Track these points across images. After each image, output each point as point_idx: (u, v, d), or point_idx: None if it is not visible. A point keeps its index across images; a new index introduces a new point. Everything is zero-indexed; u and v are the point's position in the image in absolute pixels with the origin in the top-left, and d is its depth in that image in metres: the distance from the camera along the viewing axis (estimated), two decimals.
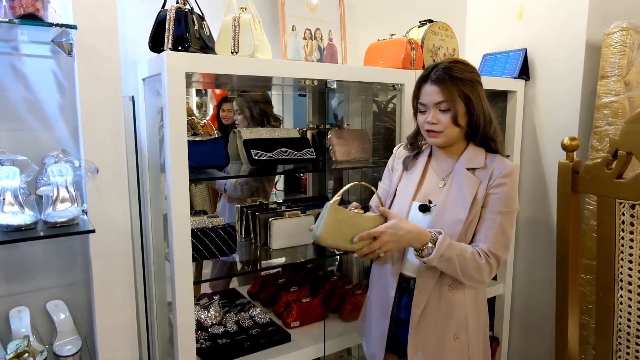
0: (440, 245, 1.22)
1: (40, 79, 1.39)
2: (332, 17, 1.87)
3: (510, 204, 1.29)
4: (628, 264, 1.41)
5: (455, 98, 1.25)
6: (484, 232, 1.29)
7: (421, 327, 1.33)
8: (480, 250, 1.27)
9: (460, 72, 1.27)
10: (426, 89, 1.30)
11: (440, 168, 1.38)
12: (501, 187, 1.28)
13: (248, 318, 1.78)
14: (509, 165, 1.31)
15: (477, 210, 1.30)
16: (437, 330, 1.33)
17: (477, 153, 1.34)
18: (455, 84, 1.25)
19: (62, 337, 1.41)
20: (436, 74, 1.27)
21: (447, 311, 1.33)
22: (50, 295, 1.47)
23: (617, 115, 1.78)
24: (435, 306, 1.33)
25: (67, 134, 1.43)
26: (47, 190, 1.21)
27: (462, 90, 1.25)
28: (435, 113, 1.28)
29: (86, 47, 1.25)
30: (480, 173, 1.31)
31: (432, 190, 1.37)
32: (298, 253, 1.82)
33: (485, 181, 1.30)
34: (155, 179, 1.56)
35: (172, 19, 1.33)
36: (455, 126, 1.28)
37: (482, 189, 1.30)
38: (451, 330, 1.33)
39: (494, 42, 2.26)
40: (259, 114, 1.95)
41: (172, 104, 1.26)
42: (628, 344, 1.45)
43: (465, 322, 1.34)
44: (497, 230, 1.28)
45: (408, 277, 1.37)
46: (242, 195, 1.98)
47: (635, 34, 1.79)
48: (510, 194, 1.29)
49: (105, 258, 1.34)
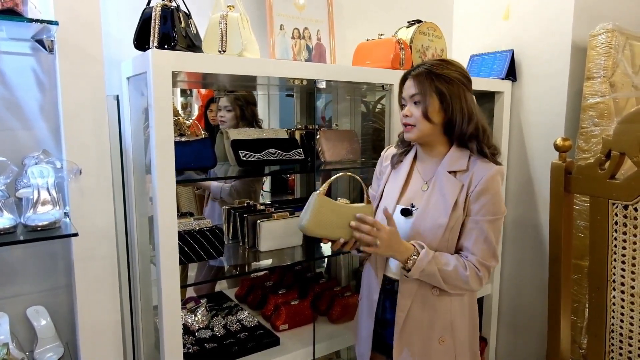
0: (420, 262, 1.22)
1: (19, 77, 1.34)
2: (321, 16, 1.85)
3: (496, 210, 1.26)
4: (621, 264, 1.42)
5: (427, 91, 1.26)
6: (471, 243, 1.27)
7: (406, 330, 1.33)
8: (469, 262, 1.26)
9: (441, 69, 1.27)
10: (406, 84, 1.33)
11: (424, 170, 1.37)
12: (484, 195, 1.26)
13: (236, 322, 1.75)
14: (490, 169, 1.27)
15: (459, 215, 1.27)
16: (421, 333, 1.33)
17: (459, 155, 1.31)
18: (430, 79, 1.26)
19: (43, 344, 1.36)
20: (416, 70, 1.30)
21: (431, 315, 1.32)
22: (31, 301, 1.42)
23: (603, 116, 1.80)
24: (420, 310, 1.32)
25: (48, 134, 1.39)
26: (27, 193, 1.17)
27: (436, 86, 1.25)
28: (411, 106, 1.30)
29: (68, 44, 1.21)
30: (462, 176, 1.29)
31: (416, 193, 1.36)
32: (286, 255, 1.80)
33: (466, 184, 1.28)
34: (141, 180, 1.53)
35: (158, 17, 1.30)
36: (426, 120, 1.27)
37: (463, 193, 1.28)
38: (436, 334, 1.32)
39: (481, 43, 2.27)
40: (250, 114, 1.92)
41: (158, 103, 1.23)
42: (621, 345, 1.46)
43: (450, 325, 1.33)
44: (484, 241, 1.26)
45: (392, 279, 1.37)
46: (233, 199, 1.95)
47: (620, 36, 1.81)
48: (494, 200, 1.26)
49: (89, 262, 1.30)
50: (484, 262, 1.26)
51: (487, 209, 1.26)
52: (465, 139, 1.30)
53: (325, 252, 1.97)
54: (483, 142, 1.31)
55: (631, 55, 1.87)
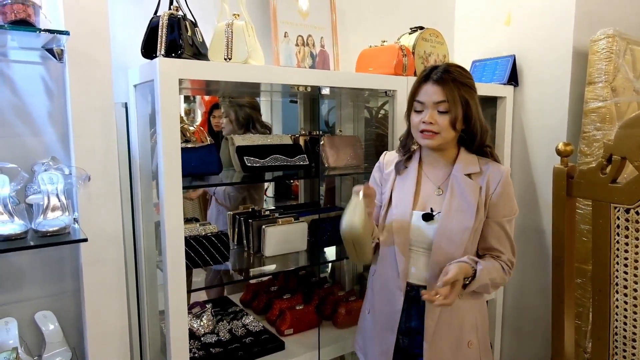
0: (479, 277, 1.25)
1: (28, 84, 1.36)
2: (324, 23, 1.88)
3: (514, 209, 1.34)
4: (623, 267, 1.43)
5: (457, 100, 1.25)
6: (500, 243, 1.33)
7: (436, 338, 1.32)
8: (502, 262, 1.32)
9: (460, 77, 1.27)
10: (427, 88, 1.28)
11: (434, 175, 1.37)
12: (504, 197, 1.31)
13: (241, 326, 1.76)
14: (504, 170, 1.33)
15: (481, 217, 1.31)
16: (451, 339, 1.33)
17: (470, 159, 1.34)
18: (457, 87, 1.25)
19: (51, 348, 1.37)
20: (437, 75, 1.27)
21: (460, 319, 1.33)
22: (39, 306, 1.44)
23: (604, 120, 1.82)
24: (449, 315, 1.32)
25: (57, 140, 1.41)
26: (37, 199, 1.18)
27: (462, 95, 1.25)
28: (434, 113, 1.27)
29: (77, 53, 1.24)
30: (477, 178, 1.32)
31: (430, 197, 1.35)
32: (291, 260, 1.81)
33: (484, 186, 1.31)
34: (147, 186, 1.54)
35: (165, 25, 1.32)
36: (452, 129, 1.27)
37: (482, 195, 1.31)
38: (465, 338, 1.33)
39: (482, 49, 2.29)
40: (244, 119, 1.93)
41: (165, 110, 1.25)
42: (624, 347, 1.46)
43: (475, 327, 1.35)
44: (509, 239, 1.34)
45: (416, 285, 1.34)
46: (230, 204, 1.96)
47: (621, 41, 1.82)
48: (512, 201, 1.34)
49: (97, 267, 1.32)
50: (511, 259, 1.34)
51: (508, 209, 1.32)
52: (482, 146, 1.34)
53: (329, 257, 1.98)
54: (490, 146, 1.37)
55: (632, 60, 1.88)
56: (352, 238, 1.23)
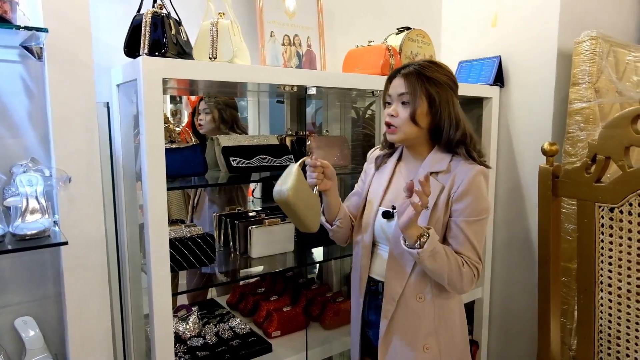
0: (433, 237, 1.17)
1: (6, 84, 1.32)
2: (311, 23, 1.86)
3: (480, 210, 1.24)
4: (608, 266, 1.44)
5: (418, 93, 1.23)
6: (460, 244, 1.24)
7: (389, 337, 1.32)
8: (468, 261, 1.24)
9: (431, 72, 1.25)
10: (394, 82, 1.29)
11: (407, 172, 1.36)
12: (467, 196, 1.23)
13: (228, 329, 1.74)
14: (472, 170, 1.25)
15: (439, 216, 1.26)
16: (405, 341, 1.31)
17: (441, 157, 1.30)
18: (421, 81, 1.23)
19: (32, 355, 1.33)
20: (407, 69, 1.27)
21: (415, 322, 1.30)
22: (19, 312, 1.40)
23: (588, 121, 1.84)
24: (403, 316, 1.30)
25: (36, 141, 1.37)
26: (15, 201, 1.15)
27: (427, 89, 1.23)
28: (397, 106, 1.27)
29: (58, 51, 1.20)
30: (443, 177, 1.27)
31: (399, 194, 1.32)
32: (278, 261, 1.79)
33: (447, 185, 1.26)
34: (131, 187, 1.51)
35: (149, 24, 1.29)
36: (412, 123, 1.24)
37: (444, 194, 1.26)
38: (420, 342, 1.30)
39: (469, 50, 2.30)
40: (229, 117, 1.91)
41: (148, 110, 1.22)
42: (609, 345, 1.48)
43: (434, 332, 1.31)
44: (469, 241, 1.24)
45: (376, 280, 1.37)
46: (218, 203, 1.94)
47: (604, 43, 1.85)
48: (477, 201, 1.24)
49: (79, 271, 1.29)
50: (476, 265, 1.25)
51: (471, 209, 1.24)
52: (452, 145, 1.28)
53: (316, 257, 1.96)
54: (470, 147, 1.29)
55: (615, 62, 1.91)
56: (281, 203, 1.24)
